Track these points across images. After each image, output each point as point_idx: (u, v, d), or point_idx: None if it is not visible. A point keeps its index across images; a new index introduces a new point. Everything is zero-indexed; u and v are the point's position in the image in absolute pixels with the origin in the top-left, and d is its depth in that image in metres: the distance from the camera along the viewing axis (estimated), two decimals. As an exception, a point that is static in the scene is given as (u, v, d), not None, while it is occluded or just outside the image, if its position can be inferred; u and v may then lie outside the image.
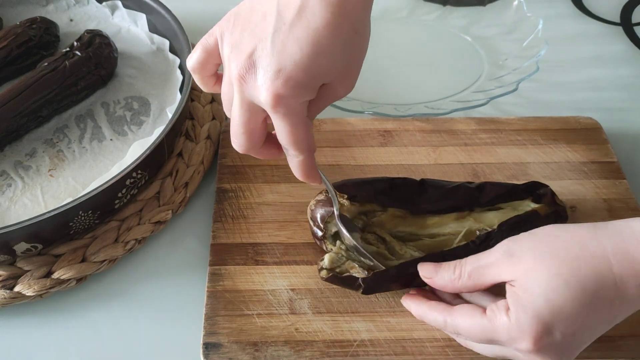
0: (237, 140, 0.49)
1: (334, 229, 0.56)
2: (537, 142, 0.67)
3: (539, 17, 0.76)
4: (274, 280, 0.57)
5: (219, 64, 0.49)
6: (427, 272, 0.51)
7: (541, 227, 0.48)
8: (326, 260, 0.53)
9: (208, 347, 0.52)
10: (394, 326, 0.54)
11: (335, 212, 0.54)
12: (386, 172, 0.65)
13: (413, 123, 0.69)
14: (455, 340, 0.52)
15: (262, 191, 0.63)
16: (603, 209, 0.62)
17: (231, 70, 0.46)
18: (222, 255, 0.58)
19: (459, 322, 0.48)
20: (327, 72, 0.45)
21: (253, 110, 0.47)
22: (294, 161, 0.49)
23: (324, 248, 0.56)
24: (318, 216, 0.56)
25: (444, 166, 0.65)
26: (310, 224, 0.57)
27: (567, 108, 0.73)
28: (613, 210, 0.62)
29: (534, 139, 0.68)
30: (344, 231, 0.54)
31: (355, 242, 0.53)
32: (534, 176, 0.64)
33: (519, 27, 0.78)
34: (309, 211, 0.57)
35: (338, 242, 0.55)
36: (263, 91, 0.44)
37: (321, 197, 0.56)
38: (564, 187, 0.63)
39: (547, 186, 0.60)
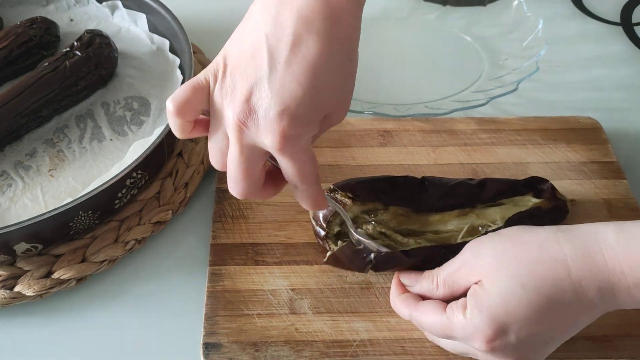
0: (238, 187, 0.46)
1: (336, 229, 0.56)
2: (537, 142, 0.67)
3: (539, 17, 0.76)
4: (274, 280, 0.57)
5: (201, 109, 0.45)
6: (408, 281, 0.52)
7: (507, 228, 0.49)
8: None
9: (208, 347, 0.52)
10: (394, 326, 0.54)
11: (352, 230, 0.55)
12: (386, 172, 0.64)
13: (413, 123, 0.69)
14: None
15: (262, 191, 0.63)
16: (603, 208, 0.62)
17: (227, 117, 0.43)
18: (222, 255, 0.58)
19: (422, 318, 0.49)
20: (329, 103, 0.44)
21: (254, 156, 0.44)
22: (304, 195, 0.47)
23: (327, 247, 0.56)
24: (320, 216, 0.56)
25: (443, 166, 0.65)
26: (312, 224, 0.57)
27: (567, 108, 0.73)
28: (613, 210, 0.62)
29: (534, 139, 0.68)
30: (359, 237, 0.54)
31: (361, 238, 0.54)
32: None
33: (519, 27, 0.78)
34: (311, 211, 0.57)
35: (340, 242, 0.55)
36: (268, 135, 0.42)
37: (322, 197, 0.56)
38: (563, 187, 0.63)
39: (547, 181, 0.60)
